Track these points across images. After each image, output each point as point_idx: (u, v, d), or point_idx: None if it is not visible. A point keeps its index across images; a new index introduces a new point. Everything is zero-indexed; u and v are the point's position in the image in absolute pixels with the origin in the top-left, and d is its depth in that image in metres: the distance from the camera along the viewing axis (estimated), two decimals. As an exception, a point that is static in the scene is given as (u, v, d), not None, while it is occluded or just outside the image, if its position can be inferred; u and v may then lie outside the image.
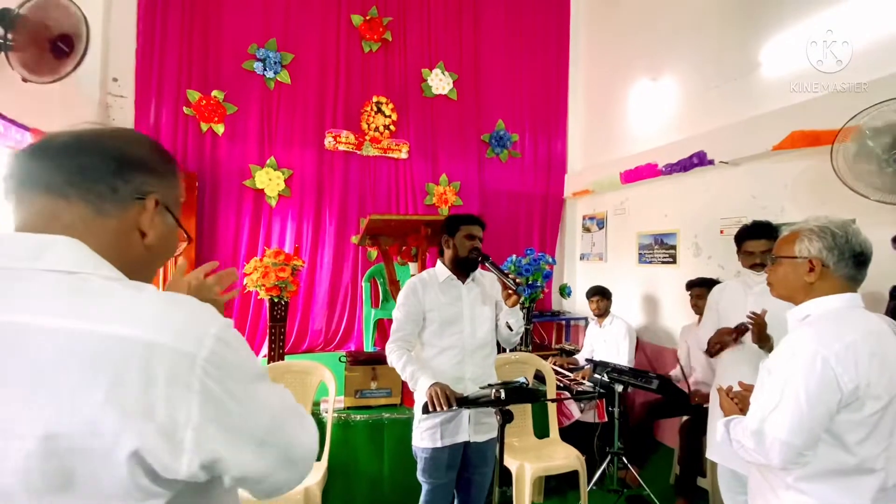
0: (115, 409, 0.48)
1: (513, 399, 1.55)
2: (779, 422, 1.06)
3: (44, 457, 0.46)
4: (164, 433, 0.49)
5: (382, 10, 4.43)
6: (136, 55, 3.81)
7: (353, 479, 2.43)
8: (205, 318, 0.55)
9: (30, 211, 0.57)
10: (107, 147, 0.60)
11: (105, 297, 0.52)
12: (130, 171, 0.60)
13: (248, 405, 0.56)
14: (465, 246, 1.89)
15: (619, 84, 4.40)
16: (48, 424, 0.47)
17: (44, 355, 0.48)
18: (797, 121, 2.63)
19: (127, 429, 0.48)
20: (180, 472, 0.50)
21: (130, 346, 0.49)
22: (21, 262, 0.52)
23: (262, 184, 4.06)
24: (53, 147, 0.58)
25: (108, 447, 0.47)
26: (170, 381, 0.50)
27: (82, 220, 0.57)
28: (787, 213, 2.77)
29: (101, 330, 0.49)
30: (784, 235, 1.24)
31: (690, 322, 3.18)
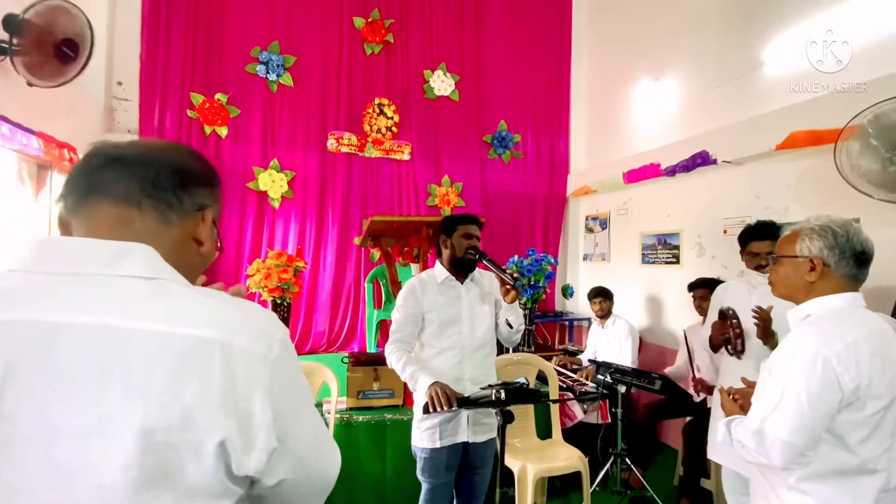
0: (205, 404, 0.51)
1: (513, 400, 1.55)
2: (779, 422, 1.06)
3: (143, 452, 0.49)
4: (243, 428, 0.53)
5: (384, 13, 4.44)
6: (141, 59, 3.85)
7: (356, 480, 2.43)
8: (272, 323, 0.60)
9: (100, 217, 0.59)
10: (175, 161, 0.64)
11: (185, 301, 0.56)
12: (193, 185, 0.64)
13: (298, 413, 0.60)
14: (462, 246, 1.89)
15: (622, 84, 4.40)
16: (145, 420, 0.49)
17: (136, 356, 0.50)
18: (799, 120, 2.62)
19: (215, 422, 0.51)
20: (250, 467, 0.54)
21: (213, 347, 0.53)
22: (101, 268, 0.55)
23: (265, 186, 4.08)
24: (131, 158, 0.61)
25: (199, 440, 0.51)
26: (247, 379, 0.54)
27: (151, 228, 0.60)
28: (791, 213, 2.75)
29: (186, 332, 0.53)
30: (785, 235, 1.23)
31: (694, 322, 3.16)
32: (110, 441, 0.49)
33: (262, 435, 0.54)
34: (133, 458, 0.49)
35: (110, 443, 0.49)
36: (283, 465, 0.58)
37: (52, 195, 3.02)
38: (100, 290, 0.54)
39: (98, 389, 0.49)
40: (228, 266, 3.98)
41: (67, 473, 0.49)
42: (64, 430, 0.49)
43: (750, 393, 1.29)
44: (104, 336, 0.51)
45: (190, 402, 0.51)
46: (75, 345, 0.50)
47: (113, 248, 0.56)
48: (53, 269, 0.54)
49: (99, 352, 0.50)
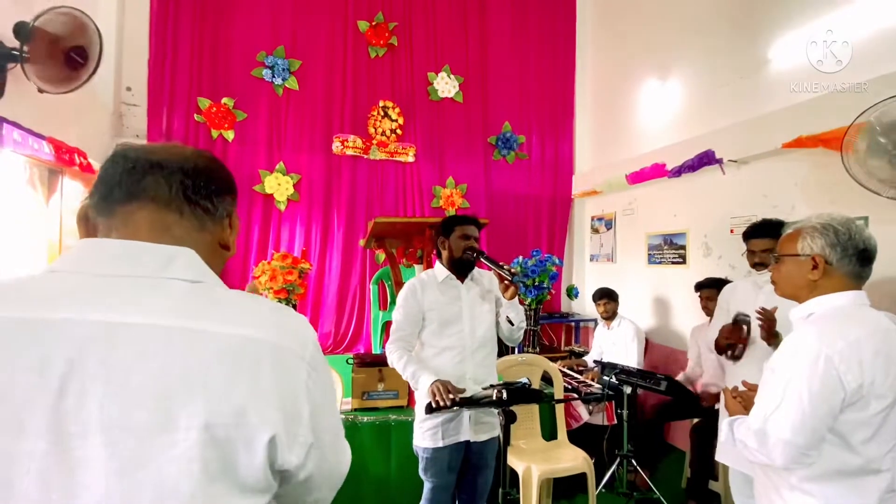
0: (257, 401, 0.54)
1: (515, 399, 1.55)
2: (781, 421, 1.05)
3: (204, 446, 0.51)
4: (288, 424, 0.56)
5: (388, 16, 4.47)
6: (149, 65, 3.90)
7: (361, 480, 2.44)
8: (306, 325, 0.64)
9: (140, 221, 0.60)
10: (209, 168, 0.66)
11: (233, 303, 0.59)
12: (224, 192, 0.67)
13: (327, 411, 0.63)
14: (459, 246, 1.90)
15: (627, 84, 4.38)
16: (207, 415, 0.51)
17: (194, 355, 0.53)
18: (806, 119, 2.59)
19: (266, 418, 0.54)
20: (291, 462, 0.57)
21: (262, 346, 0.56)
22: (150, 271, 0.57)
23: (271, 189, 4.12)
24: (171, 164, 0.62)
25: (252, 435, 0.53)
26: (292, 378, 0.57)
27: (189, 233, 0.62)
28: (798, 211, 2.72)
29: (239, 332, 0.55)
30: (786, 233, 1.22)
31: (701, 323, 3.14)
32: (174, 436, 0.50)
33: (303, 431, 0.58)
34: (195, 452, 0.51)
35: (174, 438, 0.50)
36: (313, 461, 0.60)
37: (63, 200, 3.07)
38: (152, 292, 0.56)
39: (159, 387, 0.51)
40: (235, 268, 4.02)
41: (131, 469, 0.50)
42: (128, 426, 0.50)
43: (753, 395, 1.28)
44: (162, 336, 0.53)
45: (244, 398, 0.53)
46: (135, 344, 0.52)
47: (161, 252, 0.58)
48: (102, 270, 0.56)
49: (158, 351, 0.52)
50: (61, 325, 0.51)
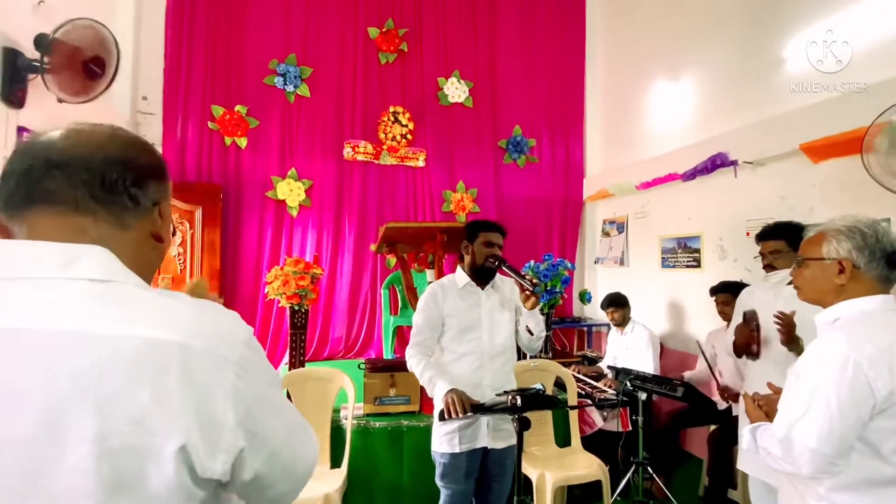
0: (161, 408, 0.50)
1: (529, 406, 1.53)
2: (808, 429, 1.02)
3: (97, 459, 0.48)
4: (205, 431, 0.52)
5: (398, 22, 4.50)
6: (164, 74, 3.97)
7: (373, 486, 2.43)
8: (233, 324, 0.58)
9: (48, 228, 0.55)
10: (121, 155, 0.59)
11: (139, 303, 0.54)
12: (146, 180, 0.61)
13: (269, 409, 0.59)
14: (482, 253, 1.89)
15: (638, 85, 4.35)
16: (99, 426, 0.48)
17: (87, 361, 0.49)
18: (824, 118, 2.55)
19: (173, 426, 0.50)
20: (216, 471, 0.53)
21: (168, 349, 0.51)
22: (53, 272, 0.53)
23: (283, 195, 4.15)
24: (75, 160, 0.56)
25: (158, 445, 0.50)
26: (207, 381, 0.52)
27: (108, 234, 0.57)
28: (817, 214, 2.67)
29: (139, 334, 0.51)
30: (809, 236, 1.20)
31: (717, 327, 3.08)
32: (64, 449, 0.47)
33: (227, 437, 0.53)
34: (89, 465, 0.47)
35: (64, 451, 0.47)
36: (255, 462, 0.56)
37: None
38: (50, 294, 0.51)
39: (46, 397, 0.47)
40: (248, 274, 4.05)
41: (17, 483, 0.47)
42: (10, 438, 0.47)
43: (775, 399, 1.25)
44: (52, 342, 0.49)
45: (144, 406, 0.49)
46: (22, 351, 0.49)
47: (65, 251, 0.53)
48: (3, 273, 0.52)
49: (46, 358, 0.48)
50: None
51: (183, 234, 3.72)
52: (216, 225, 3.82)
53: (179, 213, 3.71)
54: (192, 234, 3.74)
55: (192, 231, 3.74)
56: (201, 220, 3.77)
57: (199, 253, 3.74)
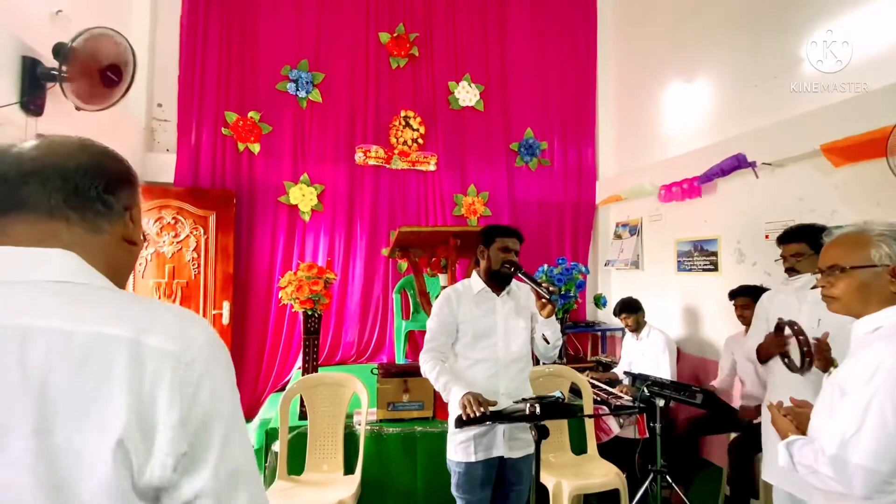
0: (104, 401, 0.49)
1: (548, 414, 1.50)
2: (862, 447, 0.97)
3: (37, 455, 0.47)
4: (145, 429, 0.50)
5: (409, 27, 4.51)
6: (179, 81, 4.02)
7: (387, 492, 2.41)
8: (193, 323, 0.57)
9: (22, 233, 0.56)
10: (92, 164, 0.61)
11: (97, 301, 0.55)
12: (118, 186, 0.63)
13: (219, 420, 0.55)
14: (498, 259, 1.86)
15: (651, 86, 4.30)
16: (39, 419, 0.48)
17: (37, 354, 0.49)
18: (845, 118, 2.48)
19: (114, 419, 0.49)
20: (154, 474, 0.51)
21: (118, 344, 0.51)
22: (15, 275, 0.54)
23: (295, 199, 4.17)
24: (47, 169, 0.58)
25: (96, 439, 0.49)
26: (155, 378, 0.52)
27: (80, 239, 0.58)
28: (839, 216, 2.60)
29: (89, 329, 0.51)
30: (842, 243, 1.13)
31: (736, 332, 3.01)
32: (8, 440, 0.47)
33: (167, 436, 0.51)
34: (27, 461, 0.47)
35: (9, 442, 0.47)
36: (197, 478, 0.53)
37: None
38: (17, 295, 0.53)
39: None
40: (261, 279, 4.07)
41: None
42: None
43: (803, 413, 1.20)
44: (9, 336, 0.50)
45: (89, 398, 0.49)
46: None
47: (32, 255, 0.55)
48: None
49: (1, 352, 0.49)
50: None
51: (197, 240, 3.75)
52: (230, 230, 3.85)
53: (194, 219, 3.74)
54: (206, 240, 3.76)
55: (205, 236, 3.76)
56: (215, 225, 3.79)
57: (213, 258, 3.77)
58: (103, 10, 3.33)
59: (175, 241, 3.69)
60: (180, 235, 3.70)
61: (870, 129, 2.32)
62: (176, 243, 3.69)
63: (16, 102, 2.29)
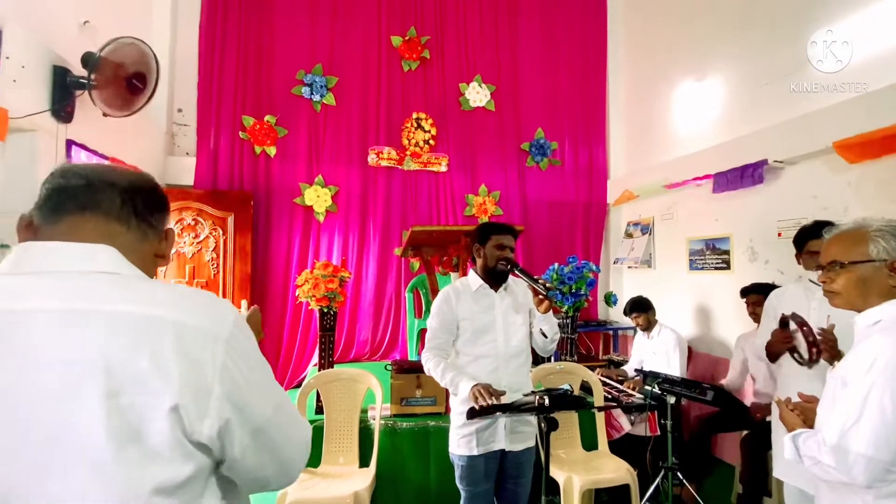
0: (158, 372, 0.59)
1: (557, 406, 1.54)
2: (862, 436, 0.99)
3: (108, 413, 0.57)
4: (195, 396, 0.61)
5: (420, 30, 4.58)
6: (198, 87, 4.15)
7: (401, 485, 2.47)
8: (224, 306, 0.69)
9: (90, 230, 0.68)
10: (153, 189, 0.76)
11: (143, 288, 0.66)
12: (162, 210, 0.77)
13: (254, 387, 0.68)
14: (494, 256, 1.88)
15: (661, 86, 4.30)
16: (108, 384, 0.58)
17: (97, 332, 0.59)
18: (858, 115, 2.47)
19: (167, 388, 0.59)
20: (203, 433, 0.62)
21: (165, 324, 0.62)
22: (70, 266, 0.65)
23: (310, 201, 4.26)
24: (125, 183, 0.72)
25: (154, 403, 0.59)
26: (199, 354, 0.62)
27: (132, 243, 0.71)
28: (852, 213, 2.59)
29: (140, 311, 0.62)
30: (840, 239, 1.16)
31: (748, 330, 3.01)
32: (79, 403, 0.57)
33: (215, 405, 0.62)
34: (100, 418, 0.57)
35: (80, 404, 0.57)
36: (242, 436, 0.65)
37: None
38: (66, 282, 0.63)
39: (64, 360, 0.58)
40: (277, 278, 4.17)
41: (50, 436, 0.56)
42: (38, 396, 0.57)
43: (811, 407, 1.22)
44: (67, 317, 0.59)
45: (145, 369, 0.59)
46: (40, 326, 0.59)
47: (85, 249, 0.66)
48: (28, 269, 0.64)
49: (62, 330, 0.59)
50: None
51: (216, 240, 3.86)
52: (247, 231, 3.95)
53: (213, 220, 3.86)
54: (225, 240, 3.88)
55: (224, 237, 3.87)
56: (233, 226, 3.90)
57: (231, 258, 3.88)
58: (126, 19, 3.46)
59: (195, 242, 3.80)
60: (200, 236, 3.82)
61: (883, 126, 2.31)
62: (196, 244, 3.80)
63: (47, 110, 2.40)
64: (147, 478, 0.58)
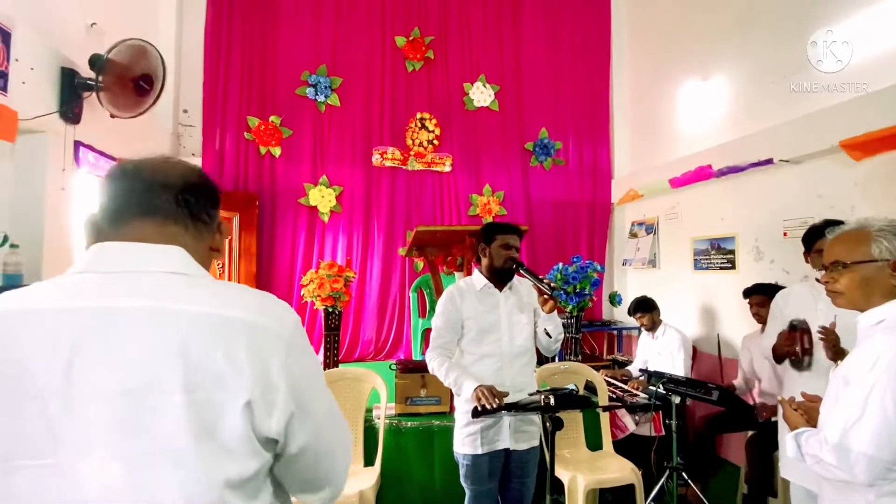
0: (233, 369, 0.63)
1: (563, 405, 1.55)
2: (864, 435, 1.00)
3: (188, 408, 0.60)
4: (265, 392, 0.64)
5: (424, 30, 4.59)
6: (203, 88, 4.18)
7: (405, 484, 2.48)
8: (285, 308, 0.73)
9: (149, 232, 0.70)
10: (205, 185, 0.77)
11: (214, 289, 0.69)
12: (214, 205, 0.79)
13: (312, 386, 0.71)
14: (500, 255, 1.89)
15: (665, 85, 4.29)
16: (188, 380, 0.61)
17: (177, 330, 0.62)
18: (864, 114, 2.46)
19: (241, 385, 0.63)
20: (271, 429, 0.65)
21: (238, 324, 0.65)
22: (145, 266, 0.68)
23: (315, 201, 4.28)
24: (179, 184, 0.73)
25: (230, 399, 0.62)
26: (268, 352, 0.65)
27: (191, 243, 0.73)
28: (859, 212, 2.57)
29: (216, 312, 0.65)
30: (843, 240, 1.16)
31: (753, 331, 3.00)
32: (161, 398, 0.60)
33: (281, 399, 0.65)
34: (181, 413, 0.60)
35: (162, 399, 0.60)
36: (304, 431, 0.68)
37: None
38: (146, 282, 0.66)
39: (148, 356, 0.61)
40: (282, 278, 4.19)
41: (135, 426, 0.59)
42: (123, 390, 0.60)
43: (814, 406, 1.22)
44: (151, 316, 0.63)
45: (221, 366, 0.62)
46: (127, 323, 0.62)
47: (157, 251, 0.69)
48: (105, 268, 0.67)
49: (148, 327, 0.62)
50: (70, 311, 0.62)
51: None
52: (252, 231, 3.98)
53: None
54: (230, 241, 3.90)
55: (229, 237, 3.90)
56: (238, 226, 3.93)
57: (237, 258, 3.91)
58: (133, 21, 3.49)
59: (201, 242, 3.83)
60: (206, 236, 3.84)
61: (890, 125, 2.30)
62: (201, 244, 3.83)
63: (56, 111, 2.43)
64: (221, 472, 0.61)
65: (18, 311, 0.63)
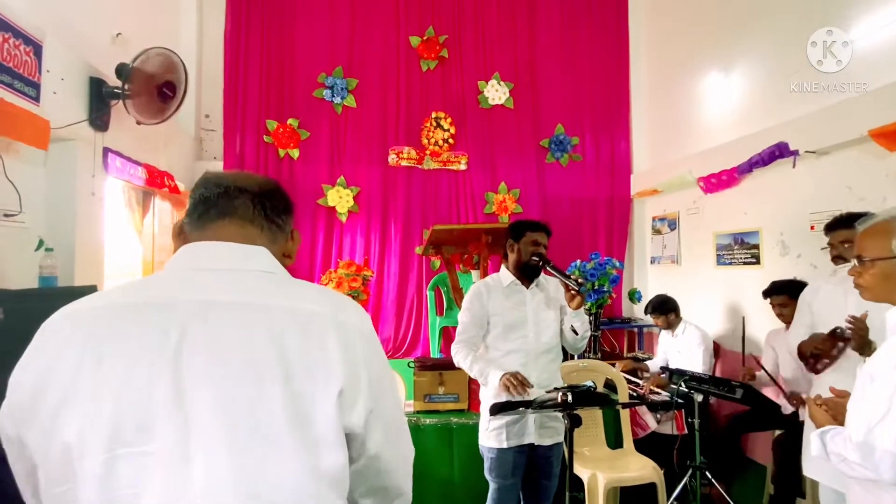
0: (326, 361, 0.66)
1: (580, 402, 1.54)
2: (889, 433, 0.97)
3: (285, 396, 0.63)
4: (352, 384, 0.67)
5: (438, 30, 4.59)
6: (224, 93, 4.28)
7: (425, 481, 2.49)
8: (360, 308, 0.77)
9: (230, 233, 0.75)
10: (279, 192, 0.82)
11: (301, 287, 0.74)
12: (289, 213, 0.83)
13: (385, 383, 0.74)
14: (528, 251, 1.91)
15: (686, 77, 4.20)
16: (285, 370, 0.64)
17: (272, 323, 0.66)
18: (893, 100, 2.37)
19: (334, 374, 0.66)
20: (352, 422, 0.67)
21: (326, 319, 0.69)
22: (235, 264, 0.72)
23: (333, 202, 4.35)
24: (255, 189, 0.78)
25: (323, 388, 0.65)
26: (353, 346, 0.69)
27: (267, 244, 0.77)
28: (890, 204, 2.48)
29: (306, 307, 0.69)
30: (870, 232, 1.13)
31: (778, 327, 2.92)
32: (261, 384, 0.63)
33: (363, 394, 0.68)
34: (279, 401, 0.62)
35: (261, 386, 0.63)
36: (378, 429, 0.70)
37: (155, 218, 3.42)
38: (237, 278, 0.71)
39: (248, 349, 0.64)
40: (301, 277, 4.21)
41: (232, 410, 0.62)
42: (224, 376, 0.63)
43: (841, 403, 1.19)
44: (246, 309, 0.67)
45: (315, 359, 0.66)
46: (224, 316, 0.66)
47: (245, 250, 0.73)
48: (198, 265, 0.72)
49: (243, 320, 0.66)
50: (172, 304, 0.66)
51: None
52: (272, 232, 4.05)
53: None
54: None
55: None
56: (259, 227, 4.00)
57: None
58: (156, 30, 3.59)
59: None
60: (228, 238, 3.93)
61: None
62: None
63: (85, 119, 2.52)
64: (315, 460, 0.64)
65: (125, 304, 0.67)
